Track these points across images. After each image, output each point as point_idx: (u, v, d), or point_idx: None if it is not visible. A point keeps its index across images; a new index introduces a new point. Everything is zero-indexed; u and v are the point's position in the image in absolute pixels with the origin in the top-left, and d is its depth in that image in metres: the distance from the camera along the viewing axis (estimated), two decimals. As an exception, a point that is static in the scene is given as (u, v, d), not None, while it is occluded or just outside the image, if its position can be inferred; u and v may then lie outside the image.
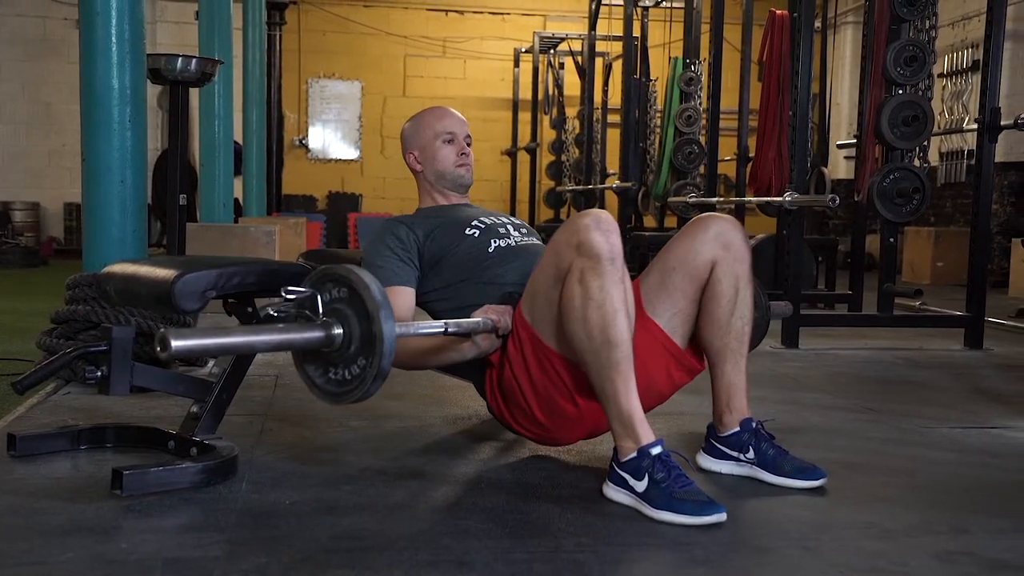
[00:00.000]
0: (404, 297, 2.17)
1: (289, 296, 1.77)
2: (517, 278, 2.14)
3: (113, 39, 3.05)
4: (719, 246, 2.04)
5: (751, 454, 2.05)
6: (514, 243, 2.26)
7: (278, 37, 10.98)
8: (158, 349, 1.56)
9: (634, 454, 1.80)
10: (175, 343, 1.56)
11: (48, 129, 10.82)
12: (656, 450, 1.79)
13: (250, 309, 2.16)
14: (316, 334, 1.72)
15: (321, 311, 1.75)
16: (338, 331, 1.72)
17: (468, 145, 2.40)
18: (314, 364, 1.81)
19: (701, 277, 2.06)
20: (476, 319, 1.99)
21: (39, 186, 10.86)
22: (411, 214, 2.37)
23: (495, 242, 2.24)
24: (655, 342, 2.05)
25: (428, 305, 2.26)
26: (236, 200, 7.45)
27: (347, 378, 1.74)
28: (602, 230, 1.82)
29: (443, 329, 1.91)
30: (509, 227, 2.31)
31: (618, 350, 1.81)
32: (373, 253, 2.22)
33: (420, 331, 1.90)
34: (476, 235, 2.24)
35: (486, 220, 2.30)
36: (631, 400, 1.82)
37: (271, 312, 1.82)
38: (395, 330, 1.67)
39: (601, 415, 1.94)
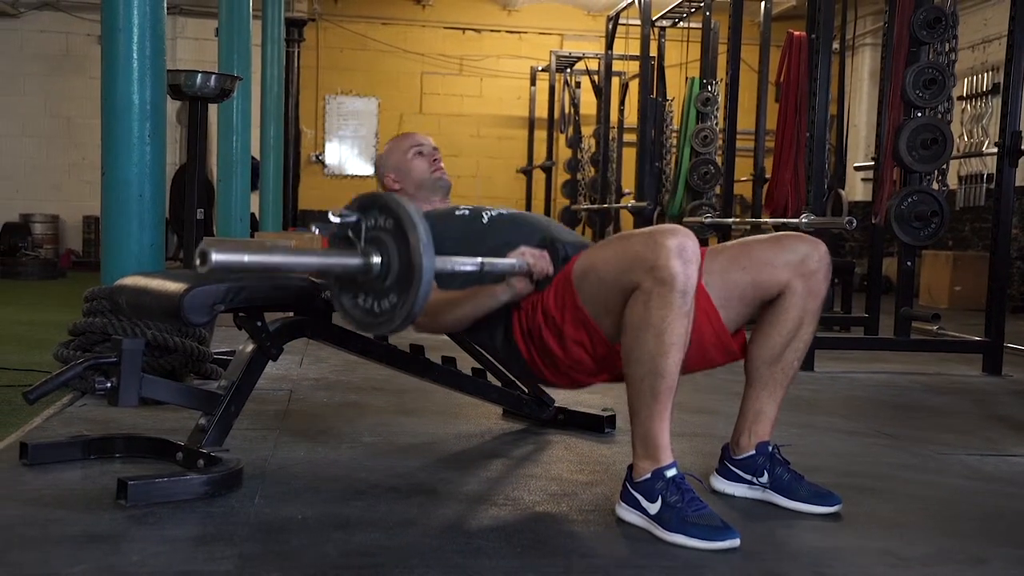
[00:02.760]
0: None
1: (335, 218, 1.75)
2: (524, 240, 2.11)
3: (134, 55, 3.08)
4: (799, 274, 1.97)
5: (765, 478, 2.03)
6: (505, 212, 2.27)
7: (296, 54, 11.06)
8: (198, 262, 1.54)
9: (648, 475, 1.79)
10: (216, 256, 1.52)
11: (68, 143, 10.92)
12: (670, 472, 1.78)
13: (259, 323, 2.17)
14: (355, 261, 1.69)
15: (362, 238, 1.72)
16: (376, 260, 1.68)
17: (438, 154, 2.48)
18: (348, 289, 1.77)
19: (767, 293, 1.99)
20: (512, 260, 1.96)
21: (59, 199, 10.95)
22: None
23: (486, 214, 2.25)
24: (700, 310, 1.91)
25: (446, 287, 2.25)
26: (252, 215, 7.50)
27: (376, 310, 1.71)
28: (684, 259, 1.74)
29: (479, 266, 1.88)
30: (492, 207, 2.33)
31: (663, 381, 1.78)
32: None
33: (457, 267, 1.86)
34: (466, 214, 2.27)
35: (470, 206, 2.33)
36: (661, 426, 1.80)
37: (313, 228, 1.81)
38: (434, 266, 1.63)
39: (619, 365, 1.90)
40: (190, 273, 2.32)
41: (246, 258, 1.61)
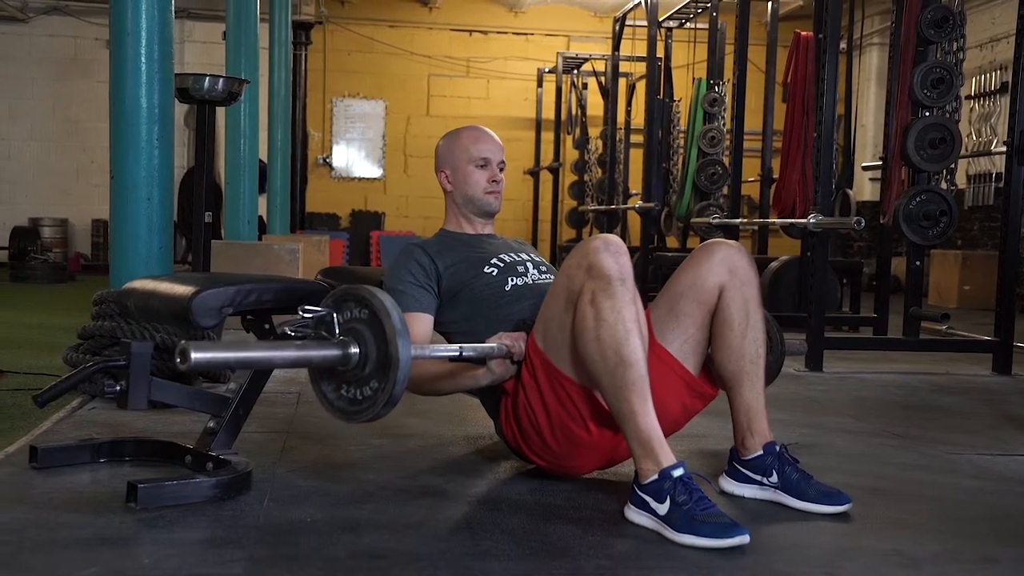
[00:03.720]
0: (422, 324, 2.19)
1: (307, 314, 1.78)
2: (530, 314, 2.14)
3: (143, 59, 3.09)
4: (725, 271, 2.05)
5: (774, 478, 2.03)
6: (531, 281, 2.26)
7: (303, 57, 11.08)
8: (178, 361, 1.57)
9: (655, 476, 1.79)
10: (195, 355, 1.58)
11: (77, 147, 10.96)
12: (678, 472, 1.78)
13: (267, 326, 2.18)
14: (333, 352, 1.74)
15: (338, 330, 1.76)
16: (355, 350, 1.73)
17: (501, 171, 2.41)
18: (328, 380, 1.82)
19: (709, 303, 2.06)
20: (490, 344, 2.00)
21: (68, 203, 10.99)
22: (434, 237, 2.38)
23: (512, 280, 2.24)
24: (667, 370, 2.04)
25: (442, 334, 2.29)
26: (260, 218, 7.52)
27: (358, 398, 1.76)
28: (611, 252, 1.84)
29: (458, 352, 1.92)
30: (529, 265, 2.30)
31: (632, 369, 1.80)
32: (394, 278, 2.23)
33: (435, 353, 1.92)
34: (494, 273, 2.25)
35: (506, 258, 2.29)
36: (649, 420, 1.81)
37: (287, 331, 1.84)
38: (411, 353, 1.68)
39: (616, 443, 1.96)
40: (198, 276, 2.32)
41: (226, 355, 1.67)
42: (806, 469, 2.05)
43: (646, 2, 7.71)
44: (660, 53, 7.99)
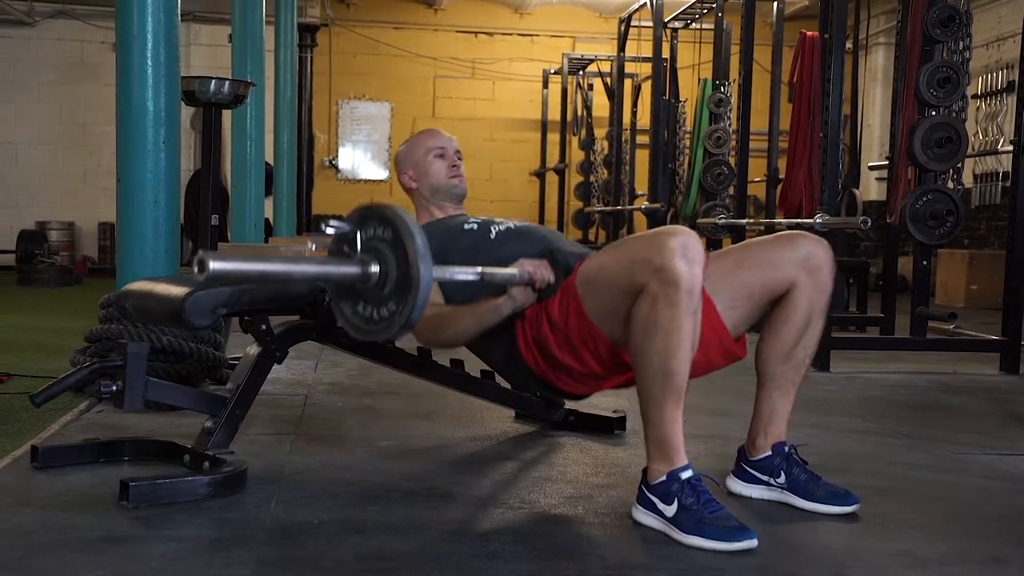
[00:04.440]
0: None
1: (330, 230, 1.77)
2: (527, 252, 2.13)
3: (149, 62, 3.09)
4: (804, 270, 1.98)
5: (782, 479, 2.03)
6: (512, 226, 2.28)
7: (309, 59, 11.09)
8: (196, 270, 1.55)
9: (664, 477, 1.79)
10: (213, 264, 1.54)
11: (83, 150, 10.99)
12: (686, 474, 1.78)
13: (264, 327, 2.18)
14: (353, 270, 1.71)
15: (360, 248, 1.74)
16: (375, 269, 1.70)
17: (459, 159, 2.47)
18: (348, 298, 1.80)
19: (774, 292, 2.01)
20: (512, 270, 1.98)
21: (74, 206, 11.02)
22: None
23: (494, 228, 2.27)
24: (705, 322, 1.92)
25: (451, 301, 2.27)
26: (267, 220, 7.52)
27: (375, 318, 1.73)
28: (688, 259, 1.75)
29: (479, 276, 1.89)
30: (504, 219, 2.35)
31: (673, 381, 1.78)
32: None
33: (456, 275, 1.88)
34: (475, 228, 2.28)
35: (481, 217, 2.36)
36: (675, 427, 1.80)
37: (310, 246, 1.81)
38: (432, 275, 1.65)
39: (627, 376, 1.95)
40: (196, 278, 2.33)
41: (244, 266, 1.62)
42: (814, 469, 2.04)
43: (651, 3, 7.71)
44: (665, 54, 7.99)
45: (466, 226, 2.30)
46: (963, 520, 2.00)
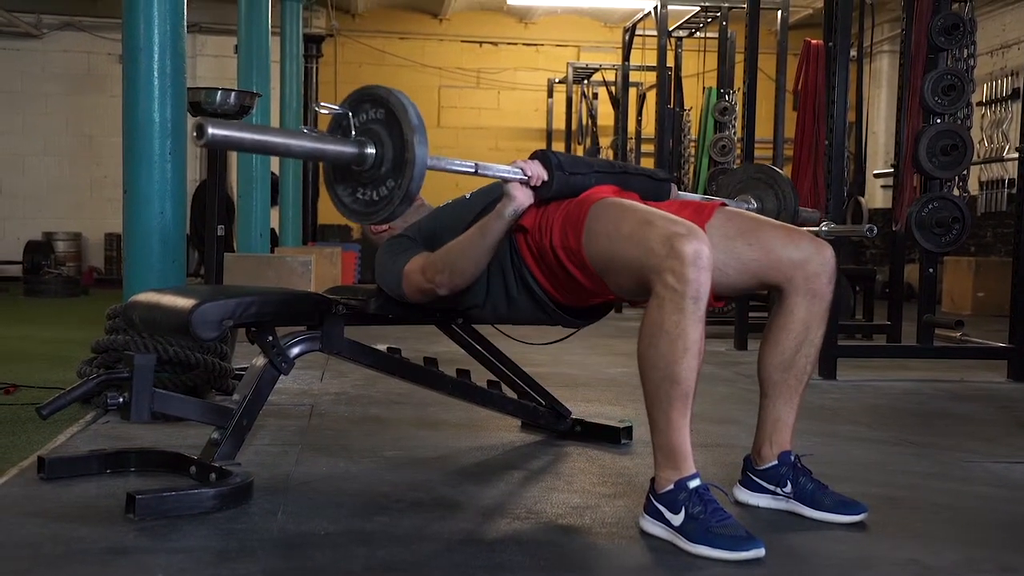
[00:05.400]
0: (427, 255, 2.18)
1: (323, 111, 1.77)
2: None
3: (155, 73, 3.11)
4: (801, 274, 1.97)
5: (789, 488, 2.02)
6: (485, 186, 2.26)
7: (315, 70, 11.14)
8: (195, 135, 1.55)
9: (671, 486, 1.78)
10: (212, 130, 1.54)
11: (90, 161, 11.03)
12: (693, 483, 1.77)
13: (270, 338, 2.18)
14: (349, 149, 1.71)
15: (355, 131, 1.74)
16: (371, 151, 1.70)
17: None
18: (344, 184, 1.80)
19: (766, 280, 1.99)
20: (506, 166, 1.97)
21: (81, 216, 11.06)
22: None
23: (469, 193, 2.27)
24: None
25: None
26: (272, 230, 7.54)
27: (374, 199, 1.73)
28: (698, 267, 1.74)
29: (473, 168, 1.89)
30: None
31: (679, 387, 1.77)
32: (389, 259, 2.22)
33: (450, 165, 1.87)
34: (449, 201, 2.30)
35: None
36: (681, 435, 1.79)
37: (303, 129, 1.82)
38: (427, 155, 1.65)
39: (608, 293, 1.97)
40: (201, 289, 2.33)
41: (243, 134, 1.64)
42: (820, 478, 2.03)
43: (656, 12, 7.72)
44: (670, 63, 7.99)
45: (442, 205, 2.31)
46: (972, 529, 1.99)
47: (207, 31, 10.65)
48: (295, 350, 2.22)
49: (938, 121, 4.25)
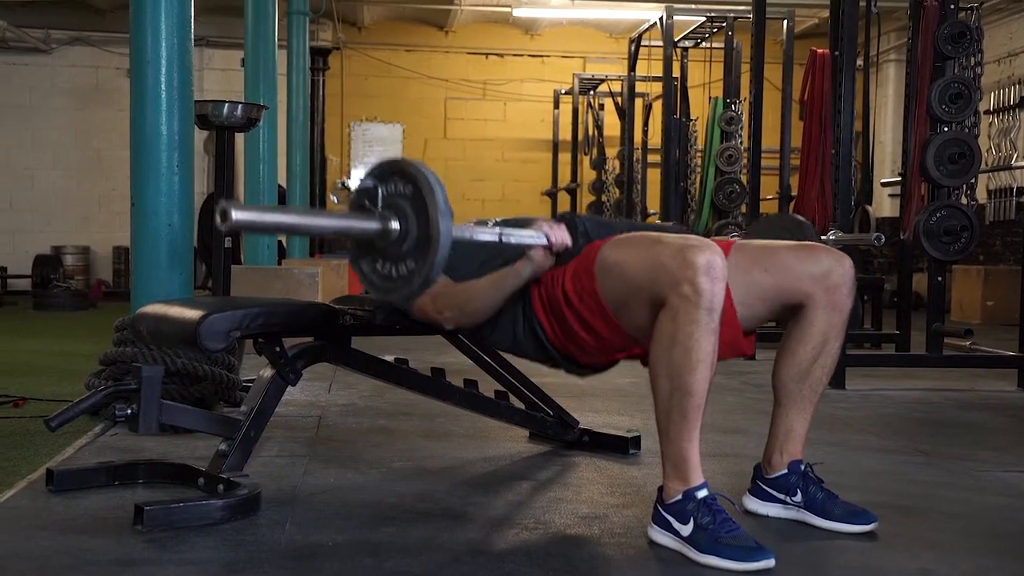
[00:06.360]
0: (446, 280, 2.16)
1: (351, 184, 1.75)
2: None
3: (163, 87, 3.12)
4: (822, 287, 1.96)
5: (799, 497, 2.01)
6: (507, 218, 2.23)
7: (321, 82, 11.18)
8: (219, 220, 1.54)
9: (679, 496, 1.77)
10: (236, 215, 1.52)
11: (98, 174, 11.08)
12: (702, 493, 1.76)
13: (278, 349, 2.18)
14: (373, 225, 1.68)
15: (380, 203, 1.71)
16: (395, 225, 1.67)
17: None
18: (367, 255, 1.78)
19: (788, 301, 1.98)
20: (530, 231, 1.96)
21: (89, 230, 11.10)
22: None
23: (490, 222, 2.24)
24: None
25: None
26: (279, 242, 7.55)
27: (393, 275, 1.71)
28: (711, 277, 1.74)
29: (498, 236, 1.87)
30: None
31: (691, 399, 1.77)
32: None
33: (476, 234, 1.85)
34: (475, 222, 2.26)
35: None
36: (691, 445, 1.78)
37: (332, 198, 1.80)
38: (452, 232, 1.62)
39: (633, 346, 1.95)
40: (208, 300, 2.34)
41: (267, 217, 1.62)
42: (830, 487, 2.02)
43: (661, 22, 7.74)
44: (676, 73, 8.00)
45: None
46: (983, 538, 1.97)
47: (214, 44, 10.69)
48: (302, 361, 2.22)
49: (945, 129, 4.25)
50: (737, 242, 2.06)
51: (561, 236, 1.98)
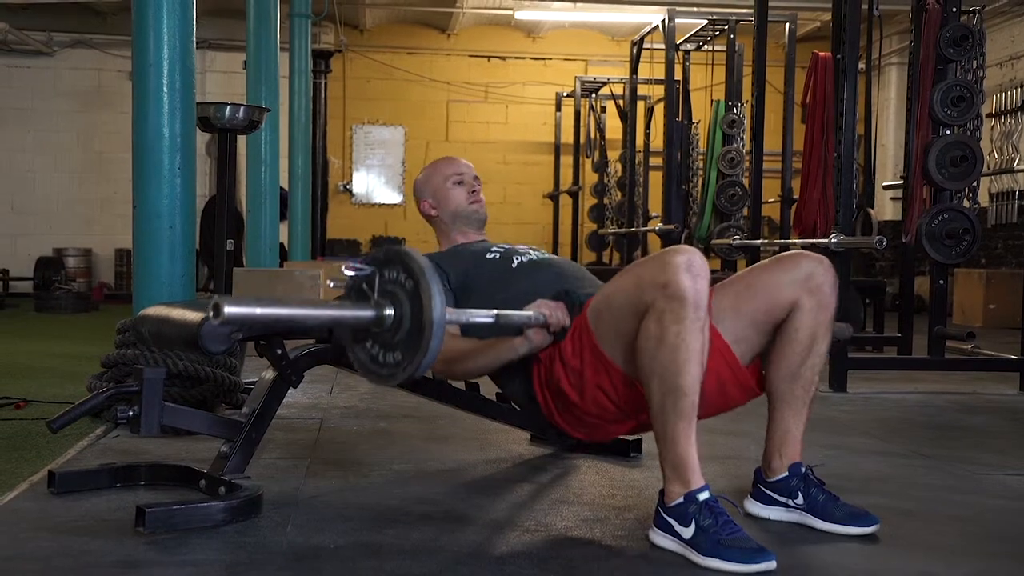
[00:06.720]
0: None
1: (350, 272, 1.76)
2: (543, 287, 2.15)
3: (164, 89, 3.12)
4: (805, 290, 1.98)
5: (800, 499, 2.01)
6: (535, 258, 2.31)
7: (323, 85, 11.20)
8: (211, 315, 1.54)
9: (680, 499, 1.77)
10: (228, 309, 1.53)
11: (100, 177, 11.09)
12: (703, 495, 1.76)
13: (279, 351, 2.18)
14: (367, 313, 1.68)
15: (377, 289, 1.71)
16: (389, 312, 1.67)
17: (478, 185, 2.51)
18: (360, 338, 1.77)
19: (778, 316, 1.99)
20: (527, 312, 1.97)
21: (91, 232, 11.11)
22: (439, 252, 2.44)
23: (516, 259, 2.29)
24: (713, 349, 1.91)
25: (467, 334, 2.26)
26: (281, 245, 7.56)
27: (381, 360, 1.71)
28: (692, 274, 1.76)
29: (494, 319, 1.88)
30: (526, 248, 2.38)
31: (685, 399, 1.77)
32: None
33: (472, 319, 1.87)
34: (497, 258, 2.31)
35: (504, 246, 2.38)
36: (688, 447, 1.78)
37: (330, 284, 1.81)
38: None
39: (640, 419, 1.97)
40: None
41: (259, 310, 1.62)
42: (832, 490, 2.02)
43: (664, 25, 7.74)
44: (678, 76, 8.00)
45: (488, 255, 2.32)
46: (985, 541, 1.97)
47: (216, 47, 10.71)
48: (304, 363, 2.22)
49: (947, 132, 4.25)
50: (716, 286, 2.07)
51: (559, 316, 2.00)
